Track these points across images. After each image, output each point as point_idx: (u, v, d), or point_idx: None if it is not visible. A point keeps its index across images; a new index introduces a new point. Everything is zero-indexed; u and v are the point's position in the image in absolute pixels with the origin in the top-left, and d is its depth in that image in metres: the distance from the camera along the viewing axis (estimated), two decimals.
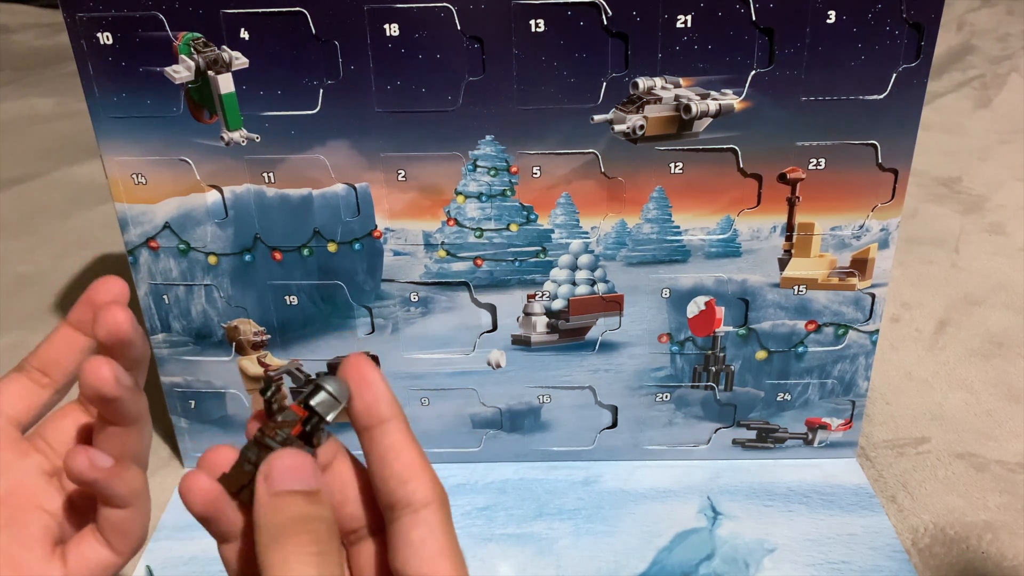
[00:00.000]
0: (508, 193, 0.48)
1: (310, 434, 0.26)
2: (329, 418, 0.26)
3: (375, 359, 0.53)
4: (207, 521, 0.26)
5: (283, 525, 0.24)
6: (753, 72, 0.44)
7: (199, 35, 0.43)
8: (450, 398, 0.54)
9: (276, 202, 0.48)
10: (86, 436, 0.31)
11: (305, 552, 0.24)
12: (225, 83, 0.44)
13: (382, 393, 0.27)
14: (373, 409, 0.27)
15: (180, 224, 0.49)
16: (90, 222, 0.92)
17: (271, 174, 0.47)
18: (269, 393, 0.26)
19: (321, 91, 0.45)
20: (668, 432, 0.55)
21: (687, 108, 0.45)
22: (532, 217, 0.48)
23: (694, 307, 0.51)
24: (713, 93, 0.44)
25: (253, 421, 0.28)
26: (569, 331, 0.52)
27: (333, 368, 0.53)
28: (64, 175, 1.04)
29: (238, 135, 0.46)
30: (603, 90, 0.44)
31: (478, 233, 0.49)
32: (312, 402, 0.26)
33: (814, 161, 0.46)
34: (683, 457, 0.56)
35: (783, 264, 0.50)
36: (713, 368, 0.53)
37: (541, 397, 0.54)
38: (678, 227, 0.49)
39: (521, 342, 0.52)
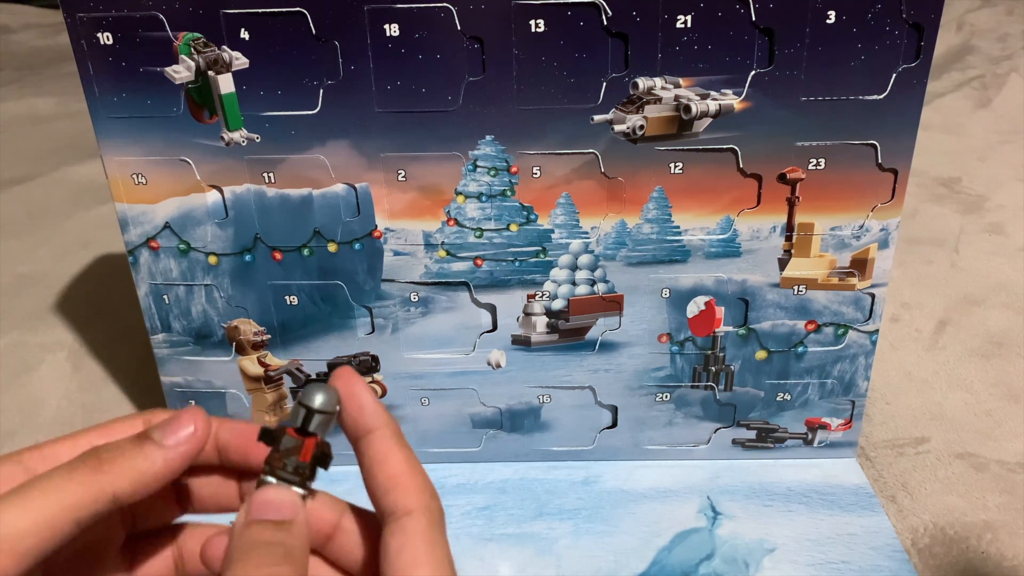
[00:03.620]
0: (508, 193, 0.48)
1: (320, 458, 0.27)
2: (327, 435, 0.27)
3: (375, 359, 0.53)
4: None
5: (246, 546, 0.25)
6: (753, 72, 0.44)
7: (199, 35, 0.43)
8: (450, 398, 0.54)
9: (276, 202, 0.48)
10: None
11: (259, 570, 0.24)
12: (225, 83, 0.44)
13: (367, 404, 0.27)
14: (359, 421, 0.27)
15: (180, 224, 0.49)
16: (90, 222, 0.92)
17: (271, 174, 0.47)
18: (271, 440, 0.26)
19: (321, 91, 0.45)
20: (668, 432, 0.55)
21: (687, 108, 0.45)
22: (532, 217, 0.48)
23: (694, 307, 0.51)
24: (713, 93, 0.45)
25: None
26: (569, 331, 0.52)
27: (335, 368, 0.53)
28: (64, 175, 1.04)
29: (238, 135, 0.46)
30: (603, 90, 0.44)
31: (478, 233, 0.49)
32: (311, 428, 0.26)
33: (814, 161, 0.46)
34: (683, 457, 0.56)
35: (783, 264, 0.50)
36: (713, 368, 0.53)
37: (541, 397, 0.54)
38: (678, 227, 0.49)
39: (521, 342, 0.52)
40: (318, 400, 0.26)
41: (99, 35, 0.43)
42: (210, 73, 0.44)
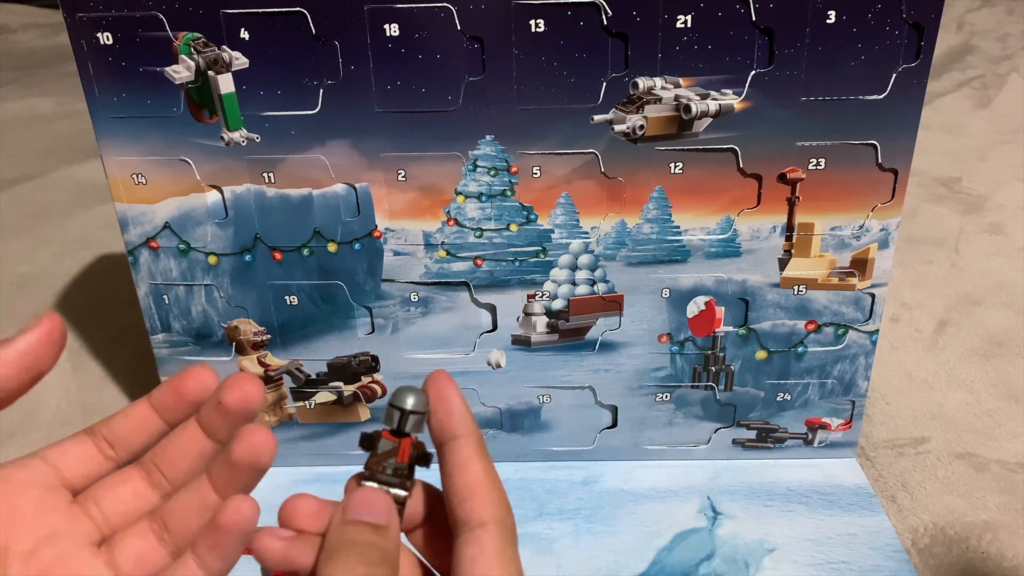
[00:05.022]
0: (508, 193, 0.48)
1: (418, 458, 0.27)
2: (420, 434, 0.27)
3: (375, 359, 0.53)
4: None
5: (341, 545, 0.25)
6: (753, 72, 0.44)
7: (199, 35, 0.43)
8: None
9: (276, 202, 0.48)
10: (146, 506, 0.29)
11: (352, 570, 0.25)
12: (225, 83, 0.44)
13: (456, 409, 0.28)
14: (445, 425, 0.27)
15: (180, 224, 0.49)
16: (90, 222, 0.92)
17: (271, 174, 0.47)
18: (369, 444, 0.27)
19: (321, 91, 0.45)
20: (668, 432, 0.55)
21: (687, 108, 0.45)
22: (532, 217, 0.48)
23: (694, 307, 0.51)
24: (713, 93, 0.45)
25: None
26: (569, 331, 0.52)
27: (335, 368, 0.53)
28: (64, 175, 1.04)
29: (238, 135, 0.46)
30: (603, 90, 0.44)
31: (478, 233, 0.49)
32: (406, 428, 0.27)
33: (814, 161, 0.46)
34: (683, 457, 0.56)
35: (783, 264, 0.50)
36: (713, 368, 0.53)
37: (541, 397, 0.54)
38: (678, 227, 0.49)
39: (521, 342, 0.52)
40: (410, 401, 0.27)
41: (99, 35, 0.43)
42: (210, 73, 0.44)
